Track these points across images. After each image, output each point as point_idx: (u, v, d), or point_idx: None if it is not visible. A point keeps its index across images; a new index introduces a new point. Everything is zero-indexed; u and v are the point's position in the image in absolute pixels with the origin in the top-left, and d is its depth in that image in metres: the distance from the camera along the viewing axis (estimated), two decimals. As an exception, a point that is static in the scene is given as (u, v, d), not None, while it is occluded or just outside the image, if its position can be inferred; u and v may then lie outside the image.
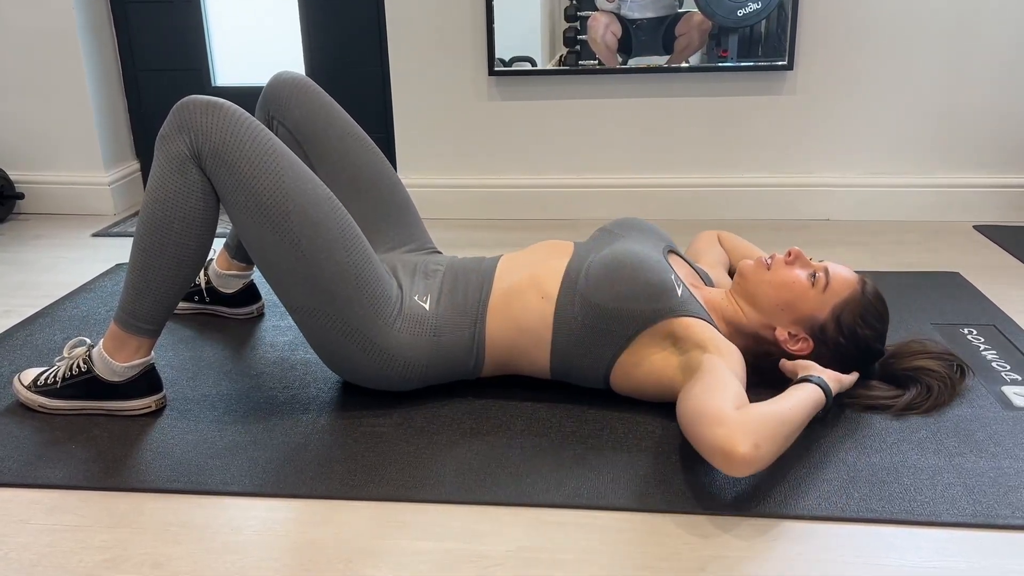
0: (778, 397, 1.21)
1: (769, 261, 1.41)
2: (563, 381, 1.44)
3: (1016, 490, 1.17)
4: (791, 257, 1.40)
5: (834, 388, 1.29)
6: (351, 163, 1.59)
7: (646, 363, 1.34)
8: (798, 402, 1.20)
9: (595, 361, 1.37)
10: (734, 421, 1.10)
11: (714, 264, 1.68)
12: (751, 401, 1.19)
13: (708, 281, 1.54)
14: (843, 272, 1.39)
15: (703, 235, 1.79)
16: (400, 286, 1.43)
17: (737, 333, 1.40)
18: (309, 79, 1.62)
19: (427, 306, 1.40)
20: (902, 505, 1.14)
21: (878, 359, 1.42)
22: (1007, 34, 2.28)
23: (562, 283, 1.39)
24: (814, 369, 1.31)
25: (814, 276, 1.37)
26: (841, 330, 1.36)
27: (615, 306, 1.33)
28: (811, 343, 1.37)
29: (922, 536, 1.09)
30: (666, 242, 1.51)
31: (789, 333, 1.38)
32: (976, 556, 1.05)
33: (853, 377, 1.36)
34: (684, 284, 1.38)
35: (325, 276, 1.31)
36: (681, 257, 1.53)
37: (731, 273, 1.68)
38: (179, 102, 1.31)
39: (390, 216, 1.61)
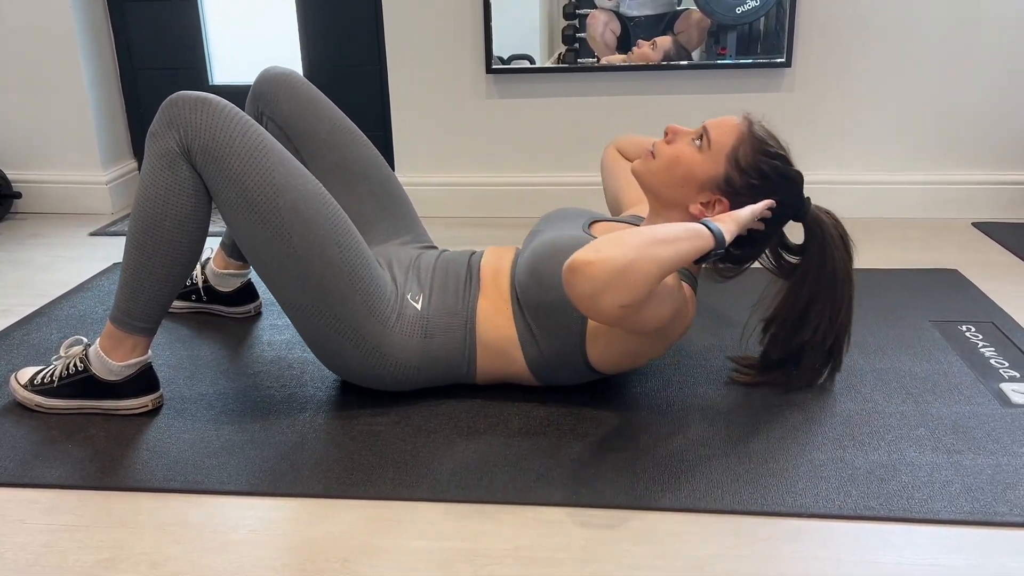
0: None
1: (652, 150, 1.38)
2: (556, 385, 1.43)
3: (1014, 487, 1.17)
4: (669, 136, 1.37)
5: (730, 227, 1.23)
6: (342, 156, 1.58)
7: (610, 332, 1.31)
8: (664, 227, 1.16)
9: (568, 356, 1.35)
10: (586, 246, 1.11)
11: (640, 196, 1.63)
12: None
13: (639, 222, 1.50)
14: (722, 121, 1.35)
15: (605, 159, 1.73)
16: (395, 282, 1.42)
17: None
18: (297, 74, 1.61)
19: (419, 306, 1.40)
20: (900, 502, 1.14)
21: (799, 183, 1.36)
22: (1005, 31, 2.28)
23: (511, 298, 1.39)
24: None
25: (698, 140, 1.34)
26: (746, 173, 1.32)
27: (550, 297, 1.32)
28: (726, 201, 1.33)
29: (920, 533, 1.09)
30: (588, 216, 1.48)
31: (701, 203, 1.34)
32: (974, 553, 1.05)
33: (752, 208, 1.29)
34: None
35: (317, 272, 1.30)
36: (607, 220, 1.50)
37: None
38: (168, 98, 1.30)
39: (383, 208, 1.60)
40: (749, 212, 1.28)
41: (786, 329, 1.41)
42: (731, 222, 1.25)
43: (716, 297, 1.85)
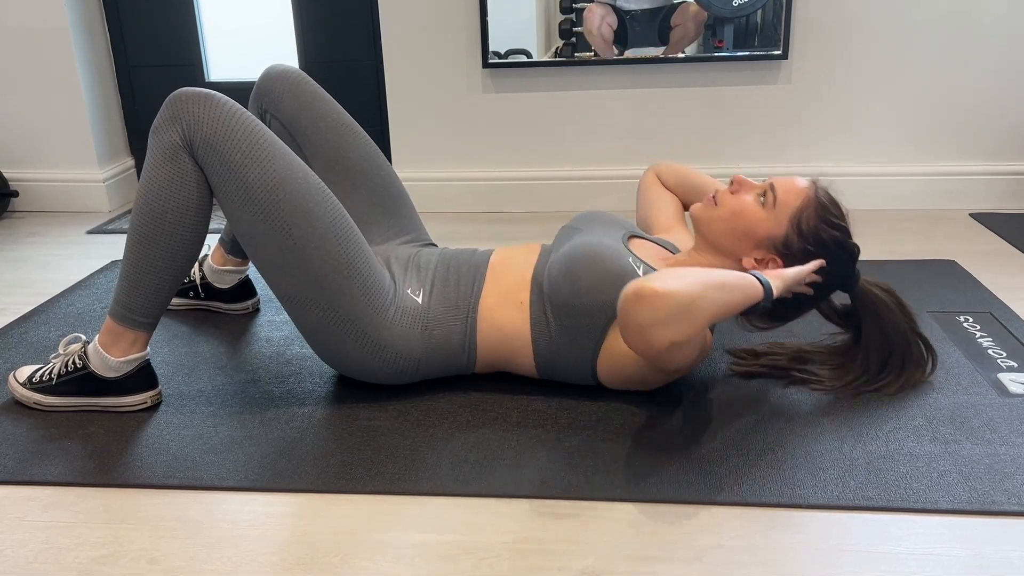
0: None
1: (715, 197, 1.38)
2: (553, 380, 1.43)
3: (1012, 476, 1.17)
4: (735, 186, 1.37)
5: (777, 284, 1.24)
6: (344, 155, 1.58)
7: (626, 354, 1.33)
8: (727, 273, 1.18)
9: (577, 358, 1.36)
10: (646, 276, 1.13)
11: (670, 224, 1.64)
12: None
13: (674, 250, 1.51)
14: (790, 182, 1.35)
15: (643, 183, 1.73)
16: (393, 278, 1.42)
17: None
18: (301, 72, 1.62)
19: (419, 299, 1.40)
20: (898, 493, 1.14)
21: (854, 257, 1.37)
22: (1002, 21, 2.27)
23: (531, 288, 1.39)
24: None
25: (763, 196, 1.35)
26: (805, 238, 1.32)
27: (580, 301, 1.32)
28: (780, 262, 1.34)
29: (918, 523, 1.09)
30: (626, 228, 1.49)
31: (756, 259, 1.35)
32: (972, 543, 1.05)
33: (801, 268, 1.30)
34: (645, 263, 1.36)
35: (316, 266, 1.31)
36: (645, 238, 1.51)
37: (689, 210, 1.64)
38: (172, 93, 1.31)
39: (384, 208, 1.61)
40: (796, 273, 1.29)
41: (866, 371, 1.42)
42: (779, 280, 1.26)
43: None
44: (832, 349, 1.47)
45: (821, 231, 1.33)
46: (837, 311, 1.44)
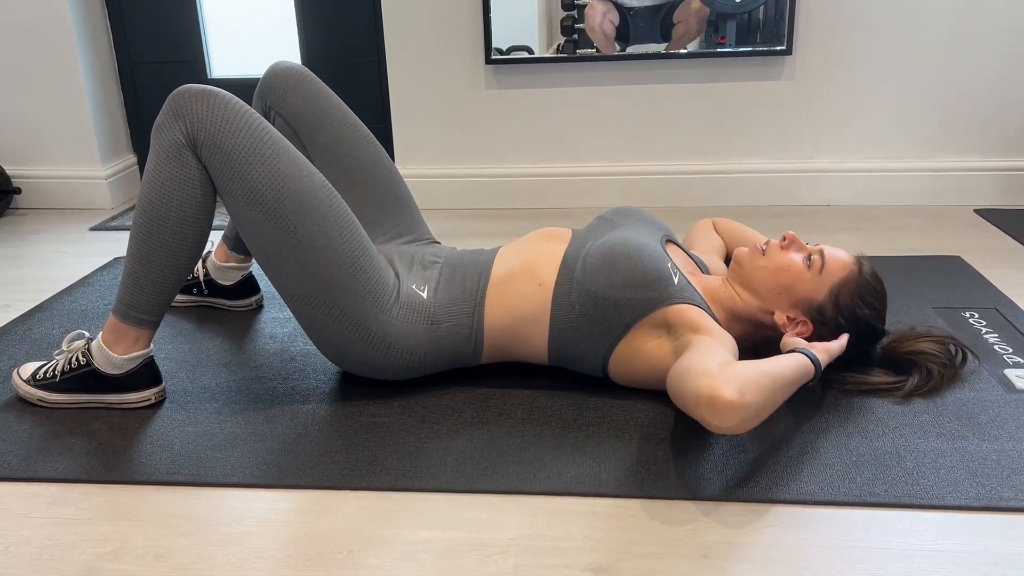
0: (763, 360, 1.20)
1: (764, 247, 1.40)
2: (561, 367, 1.43)
3: (1019, 472, 1.16)
4: (786, 241, 1.39)
5: (823, 359, 1.27)
6: (348, 153, 1.58)
7: (642, 351, 1.34)
8: (785, 364, 1.19)
9: (593, 349, 1.36)
10: (720, 372, 1.11)
11: (710, 251, 1.67)
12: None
13: (704, 269, 1.53)
14: (839, 253, 1.38)
15: (699, 223, 1.79)
16: (397, 275, 1.42)
17: (735, 320, 1.40)
18: (306, 69, 1.61)
19: (424, 295, 1.40)
20: (905, 489, 1.14)
21: (879, 339, 1.41)
22: (1007, 17, 2.26)
23: (559, 270, 1.38)
24: (801, 344, 1.30)
25: (810, 259, 1.37)
26: (840, 311, 1.35)
27: (612, 295, 1.32)
28: (811, 326, 1.36)
29: (925, 519, 1.09)
30: (664, 231, 1.50)
31: (788, 317, 1.37)
32: (979, 538, 1.05)
33: (841, 343, 1.32)
34: (681, 272, 1.38)
35: (320, 263, 1.30)
36: (679, 246, 1.53)
37: (727, 261, 1.68)
38: (175, 91, 1.31)
39: (388, 206, 1.61)
40: (839, 348, 1.31)
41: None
42: (826, 355, 1.28)
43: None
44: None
45: (857, 308, 1.35)
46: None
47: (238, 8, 2.70)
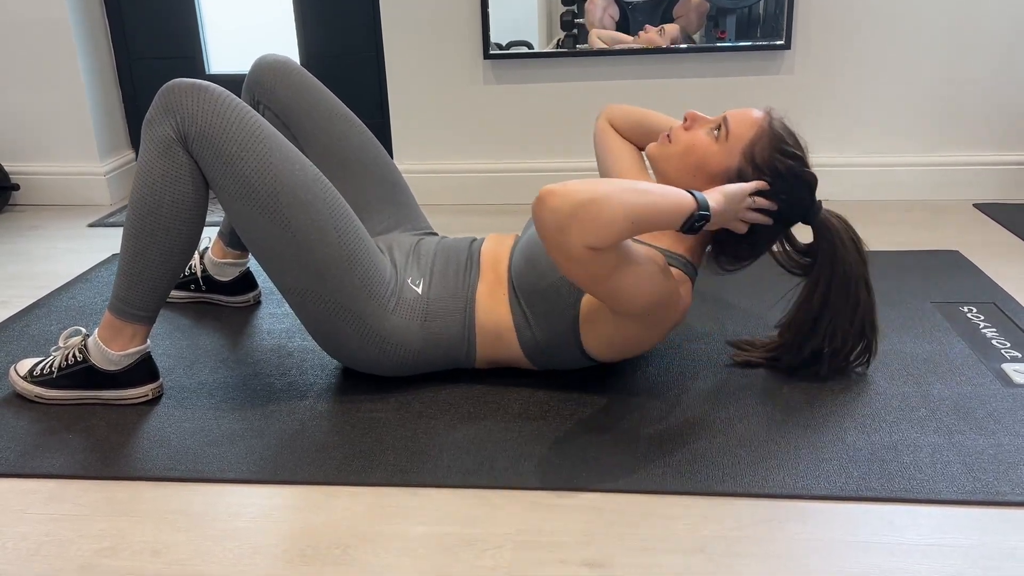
0: None
1: (669, 135, 1.35)
2: (551, 370, 1.43)
3: (1016, 467, 1.16)
4: (688, 122, 1.35)
5: (716, 197, 1.21)
6: (340, 144, 1.57)
7: (601, 316, 1.30)
8: (644, 183, 1.14)
9: (562, 341, 1.35)
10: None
11: (630, 173, 1.58)
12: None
13: None
14: (744, 113, 1.32)
15: (598, 138, 1.66)
16: (395, 266, 1.42)
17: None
18: (293, 61, 1.60)
19: (419, 290, 1.39)
20: (901, 483, 1.14)
21: (812, 186, 1.33)
22: (1007, 11, 2.26)
23: (508, 283, 1.39)
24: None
25: (716, 130, 1.32)
26: (759, 169, 1.29)
27: (545, 283, 1.32)
28: None
29: (922, 514, 1.09)
30: None
31: None
32: (976, 533, 1.05)
33: (741, 185, 1.26)
34: None
35: (316, 257, 1.30)
36: None
37: None
38: (164, 85, 1.30)
39: (383, 196, 1.60)
40: (738, 188, 1.25)
41: (800, 335, 1.40)
42: (719, 193, 1.22)
43: (716, 283, 1.85)
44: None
45: (776, 161, 1.29)
46: (798, 247, 1.39)
47: (236, 4, 2.70)
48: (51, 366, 1.41)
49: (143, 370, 1.40)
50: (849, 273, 1.34)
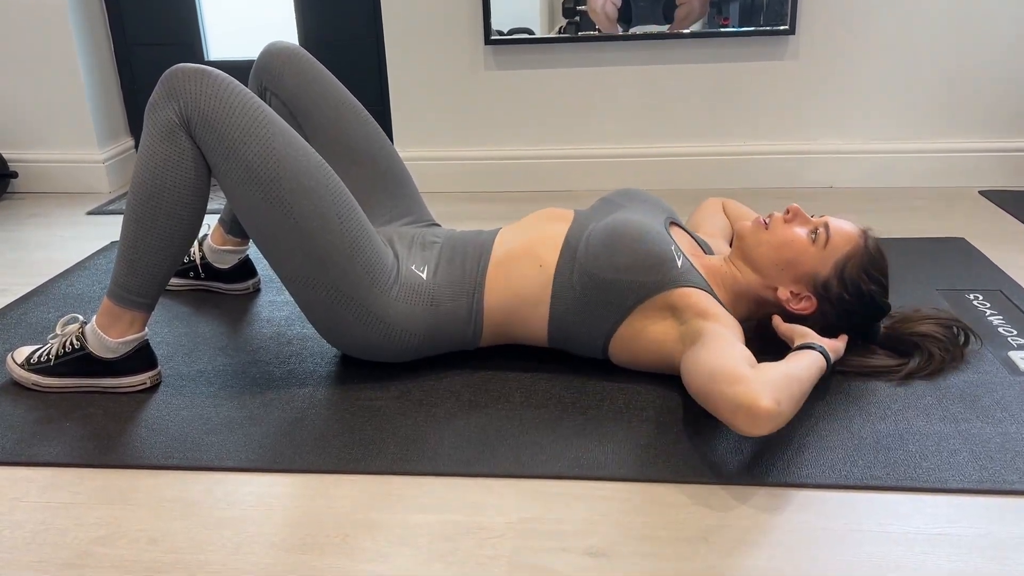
0: (786, 359, 1.20)
1: (767, 220, 1.38)
2: (561, 349, 1.42)
3: (1023, 455, 1.15)
4: (789, 215, 1.37)
5: (834, 357, 1.28)
6: (345, 134, 1.56)
7: (645, 334, 1.32)
8: (807, 365, 1.19)
9: (593, 331, 1.35)
10: (753, 378, 1.10)
11: (715, 233, 1.65)
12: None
13: (708, 250, 1.51)
14: (844, 226, 1.35)
15: (707, 202, 1.76)
16: (396, 256, 1.41)
17: (738, 298, 1.38)
18: (303, 49, 1.59)
19: (424, 275, 1.38)
20: (907, 472, 1.13)
21: (884, 315, 1.38)
22: (1014, -5, 2.23)
23: (561, 251, 1.36)
24: (811, 336, 1.29)
25: (815, 233, 1.34)
26: (845, 286, 1.33)
27: (614, 277, 1.31)
28: (814, 301, 1.34)
29: (927, 502, 1.07)
30: (668, 213, 1.48)
31: (791, 292, 1.35)
32: (982, 522, 1.04)
33: (843, 342, 1.34)
34: (684, 255, 1.36)
35: (318, 244, 1.29)
36: (682, 228, 1.51)
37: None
38: (168, 70, 1.29)
39: (386, 188, 1.59)
40: (842, 346, 1.33)
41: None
42: (835, 355, 1.29)
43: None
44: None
45: (862, 283, 1.33)
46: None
47: (235, -11, 2.68)
48: (49, 354, 1.40)
49: (141, 358, 1.39)
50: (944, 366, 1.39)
